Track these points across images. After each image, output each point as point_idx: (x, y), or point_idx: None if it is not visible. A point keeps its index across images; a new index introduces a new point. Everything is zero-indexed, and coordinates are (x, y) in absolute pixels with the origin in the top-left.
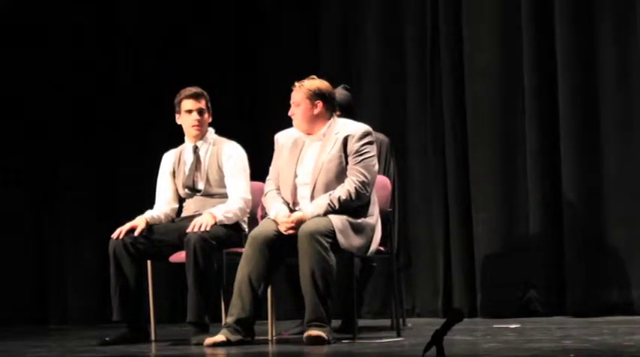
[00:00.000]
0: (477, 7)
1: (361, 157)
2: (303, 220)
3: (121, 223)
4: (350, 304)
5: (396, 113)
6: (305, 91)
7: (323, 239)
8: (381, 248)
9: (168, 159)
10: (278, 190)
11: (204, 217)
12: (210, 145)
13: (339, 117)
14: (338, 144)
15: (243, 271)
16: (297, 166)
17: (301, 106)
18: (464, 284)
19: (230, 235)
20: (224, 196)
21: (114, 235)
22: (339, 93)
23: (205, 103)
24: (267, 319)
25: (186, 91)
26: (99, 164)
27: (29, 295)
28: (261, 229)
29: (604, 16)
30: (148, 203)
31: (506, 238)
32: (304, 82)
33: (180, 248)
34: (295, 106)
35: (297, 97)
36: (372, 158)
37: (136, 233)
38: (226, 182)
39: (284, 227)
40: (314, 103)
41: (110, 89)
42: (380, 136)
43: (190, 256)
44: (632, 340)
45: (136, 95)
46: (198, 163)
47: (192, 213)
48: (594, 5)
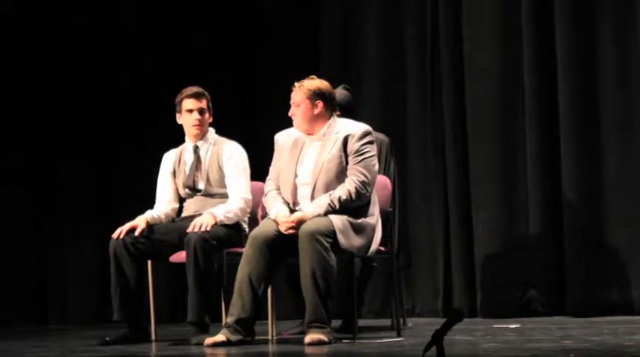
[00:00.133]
0: (477, 7)
1: (361, 156)
2: (303, 220)
3: (121, 223)
4: (350, 304)
5: (396, 113)
6: (305, 91)
7: (323, 239)
8: (382, 248)
9: (168, 159)
10: (278, 190)
11: (204, 217)
12: (211, 145)
13: (339, 117)
14: (338, 144)
15: (243, 271)
16: (297, 166)
17: (301, 107)
18: (464, 284)
19: (230, 235)
20: (224, 196)
21: (114, 235)
22: (339, 93)
23: (206, 102)
24: (267, 319)
25: (188, 91)
26: (99, 164)
27: (29, 295)
28: (262, 229)
29: (604, 16)
30: (148, 203)
31: (506, 238)
32: (304, 82)
33: (181, 248)
34: (295, 106)
35: (297, 97)
36: (372, 158)
37: (137, 233)
38: (227, 182)
39: (284, 227)
40: (314, 103)
41: (110, 89)
42: (380, 136)
43: (191, 256)
44: (632, 340)
45: (136, 95)
46: (198, 162)
47: (192, 213)
48: (594, 5)
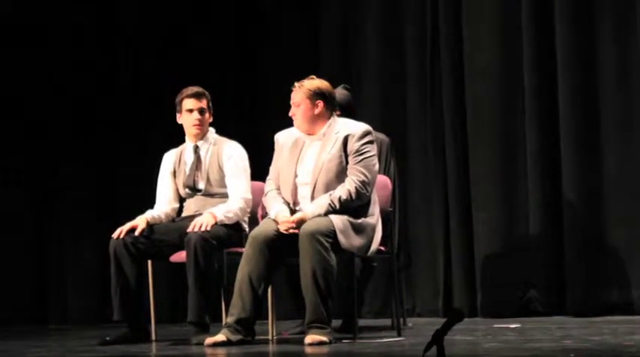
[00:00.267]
0: (477, 7)
1: (361, 156)
2: (303, 220)
3: (121, 223)
4: (350, 303)
5: (396, 113)
6: (305, 91)
7: (324, 239)
8: (382, 248)
9: (168, 159)
10: (278, 189)
11: (204, 216)
12: (211, 145)
13: (339, 117)
14: (338, 143)
15: (243, 270)
16: (297, 165)
17: (302, 107)
18: (464, 284)
19: (230, 234)
20: (224, 195)
21: (114, 235)
22: (339, 93)
23: (207, 102)
24: (267, 318)
25: (188, 91)
26: (99, 164)
27: (29, 295)
28: (262, 229)
29: (604, 16)
30: (148, 203)
31: (507, 238)
32: (304, 82)
33: (181, 248)
34: (295, 106)
35: (297, 97)
36: (372, 158)
37: (137, 233)
38: (227, 182)
39: (284, 227)
40: (314, 102)
41: (110, 89)
42: (380, 136)
43: (191, 255)
44: (632, 339)
45: (136, 95)
46: (198, 162)
47: (192, 213)
48: (594, 5)
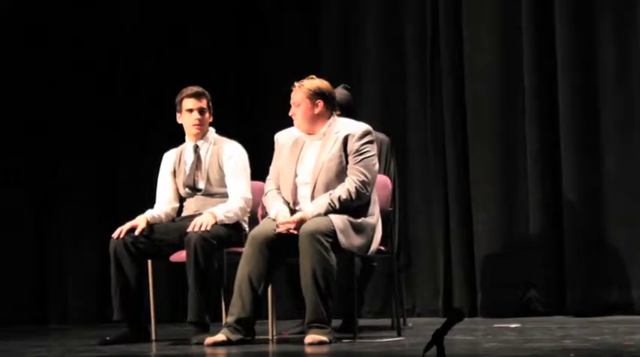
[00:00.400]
0: (477, 7)
1: (361, 156)
2: (304, 220)
3: (121, 223)
4: (350, 303)
5: (396, 113)
6: (305, 90)
7: (324, 239)
8: (382, 248)
9: (168, 158)
10: (278, 189)
11: (204, 216)
12: (211, 145)
13: (339, 117)
14: (338, 143)
15: (243, 270)
16: (297, 165)
17: (302, 106)
18: (464, 284)
19: (230, 234)
20: (224, 195)
21: (114, 235)
22: (339, 93)
23: (207, 102)
24: (267, 318)
25: (188, 90)
26: (99, 164)
27: (29, 295)
28: (261, 229)
29: (604, 16)
30: (148, 203)
31: (507, 238)
32: (304, 82)
33: (181, 248)
34: (296, 106)
35: (297, 97)
36: (372, 158)
37: (137, 233)
38: (227, 182)
39: (283, 228)
40: (314, 102)
41: (110, 89)
42: (380, 136)
43: (191, 255)
44: (632, 339)
45: (136, 95)
46: (198, 162)
47: (192, 212)
48: (594, 5)
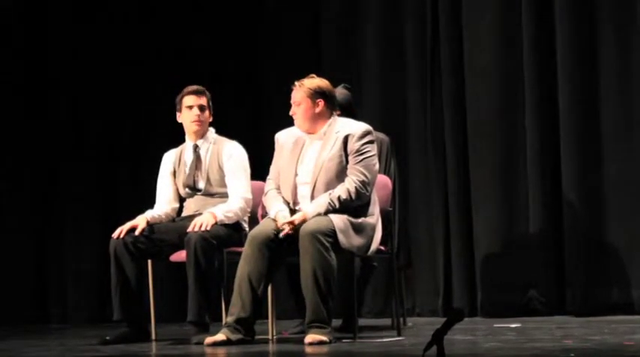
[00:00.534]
0: (477, 7)
1: (362, 156)
2: (304, 220)
3: (121, 223)
4: (350, 303)
5: (396, 113)
6: (305, 90)
7: (324, 239)
8: (382, 248)
9: (168, 158)
10: (278, 189)
11: (204, 216)
12: (211, 144)
13: (339, 116)
14: (338, 143)
15: (242, 270)
16: (297, 165)
17: (302, 105)
18: (464, 284)
19: (230, 234)
20: (224, 195)
21: (114, 235)
22: (339, 93)
23: (207, 100)
24: (267, 318)
25: (188, 88)
26: (99, 164)
27: (29, 295)
28: (261, 229)
29: (605, 16)
30: (148, 203)
31: (507, 238)
32: (304, 81)
33: (181, 248)
34: (296, 105)
35: (297, 96)
36: (372, 158)
37: (137, 232)
38: (227, 181)
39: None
40: (315, 101)
41: (110, 89)
42: (380, 136)
43: (191, 255)
44: (632, 339)
45: (136, 95)
46: (198, 161)
47: (192, 212)
48: (595, 5)
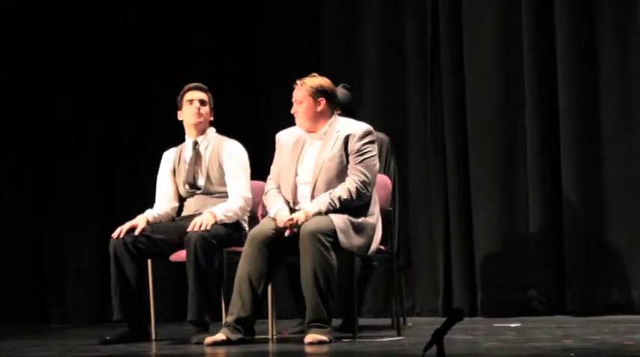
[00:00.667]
0: (476, 7)
1: (362, 156)
2: (306, 218)
3: (121, 223)
4: (350, 303)
5: (396, 113)
6: (307, 88)
7: (324, 238)
8: (382, 247)
9: (168, 157)
10: (279, 188)
11: (204, 216)
12: (211, 142)
13: (339, 116)
14: (339, 143)
15: (242, 270)
16: (297, 164)
17: (304, 104)
18: (464, 283)
19: (230, 234)
20: (224, 194)
21: (114, 235)
22: (339, 92)
23: (208, 97)
24: (267, 318)
25: (189, 85)
26: (99, 164)
27: (29, 295)
28: (261, 228)
29: (605, 16)
30: (148, 203)
31: (507, 238)
32: (306, 79)
33: (181, 247)
34: (298, 103)
35: (299, 94)
36: (373, 158)
37: (137, 232)
38: (227, 181)
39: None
40: (317, 100)
41: (110, 89)
42: (380, 136)
43: (191, 255)
44: (632, 339)
45: (136, 95)
46: (198, 158)
47: (192, 212)
48: (595, 5)
